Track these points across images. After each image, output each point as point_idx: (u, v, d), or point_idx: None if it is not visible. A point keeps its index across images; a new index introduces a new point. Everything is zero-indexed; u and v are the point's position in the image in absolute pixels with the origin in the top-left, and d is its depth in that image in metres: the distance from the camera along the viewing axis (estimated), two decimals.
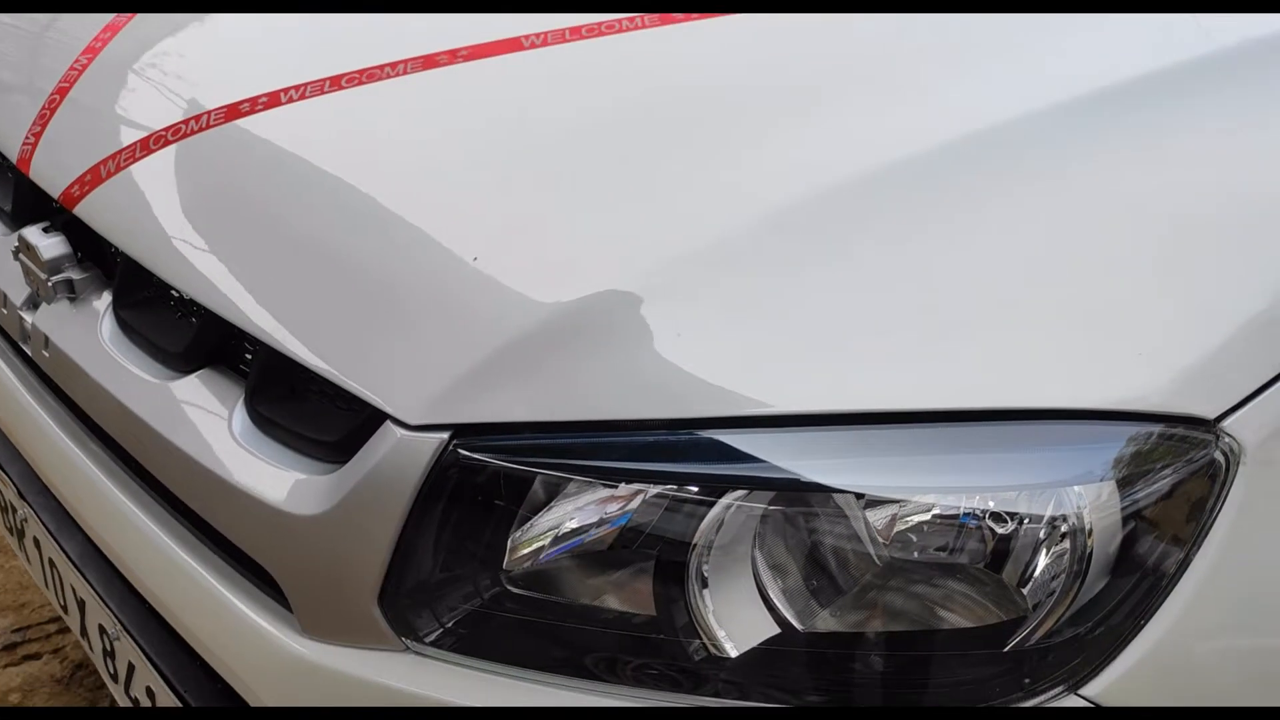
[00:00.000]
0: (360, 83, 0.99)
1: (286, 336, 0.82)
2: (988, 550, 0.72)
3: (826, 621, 0.75)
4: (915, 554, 0.73)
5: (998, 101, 0.86)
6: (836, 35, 0.99)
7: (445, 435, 0.75)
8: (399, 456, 0.76)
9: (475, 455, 0.75)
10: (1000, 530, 0.72)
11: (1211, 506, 0.73)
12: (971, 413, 0.73)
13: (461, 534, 0.78)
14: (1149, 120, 0.86)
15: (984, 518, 0.71)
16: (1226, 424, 0.73)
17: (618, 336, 0.77)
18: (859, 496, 0.72)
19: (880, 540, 0.73)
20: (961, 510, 0.72)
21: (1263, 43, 0.92)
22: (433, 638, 0.80)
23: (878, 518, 0.72)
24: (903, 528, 0.72)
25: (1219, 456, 0.73)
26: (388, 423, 0.77)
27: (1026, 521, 0.71)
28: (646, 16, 1.03)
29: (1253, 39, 0.93)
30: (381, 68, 1.00)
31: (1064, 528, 0.71)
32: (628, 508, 0.74)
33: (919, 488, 0.72)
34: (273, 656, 0.84)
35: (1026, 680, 0.74)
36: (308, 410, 0.85)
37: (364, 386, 0.78)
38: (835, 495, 0.73)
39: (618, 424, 0.75)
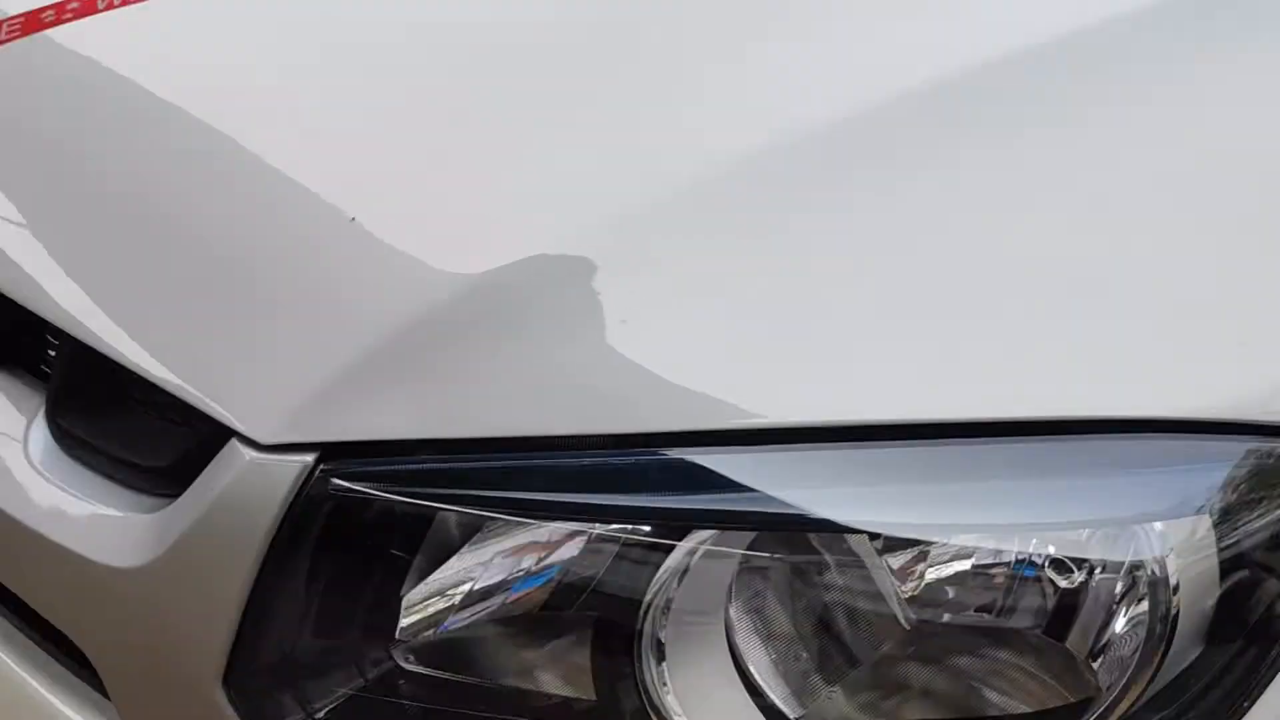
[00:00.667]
0: None
1: (97, 326, 0.69)
2: (1046, 609, 0.61)
3: (830, 706, 0.63)
4: (948, 615, 0.61)
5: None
6: None
7: (309, 458, 0.63)
8: (248, 486, 0.63)
9: (349, 484, 0.62)
10: (1061, 583, 0.60)
11: None
12: (1018, 425, 0.62)
13: (335, 591, 0.65)
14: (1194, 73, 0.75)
15: (1041, 566, 0.60)
16: None
17: (540, 325, 0.65)
18: (873, 537, 0.60)
19: (902, 596, 0.61)
20: (1011, 557, 0.61)
21: None
22: None
23: (898, 566, 0.61)
24: (932, 579, 0.61)
25: None
26: (233, 441, 0.64)
27: (1095, 571, 0.60)
28: None
29: None
30: None
31: (1143, 579, 0.60)
32: (557, 555, 0.62)
33: (952, 525, 0.61)
34: None
35: None
36: (129, 426, 0.73)
37: (201, 393, 0.65)
38: (841, 536, 0.61)
39: (541, 441, 0.63)
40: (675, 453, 0.61)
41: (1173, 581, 0.59)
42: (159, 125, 0.78)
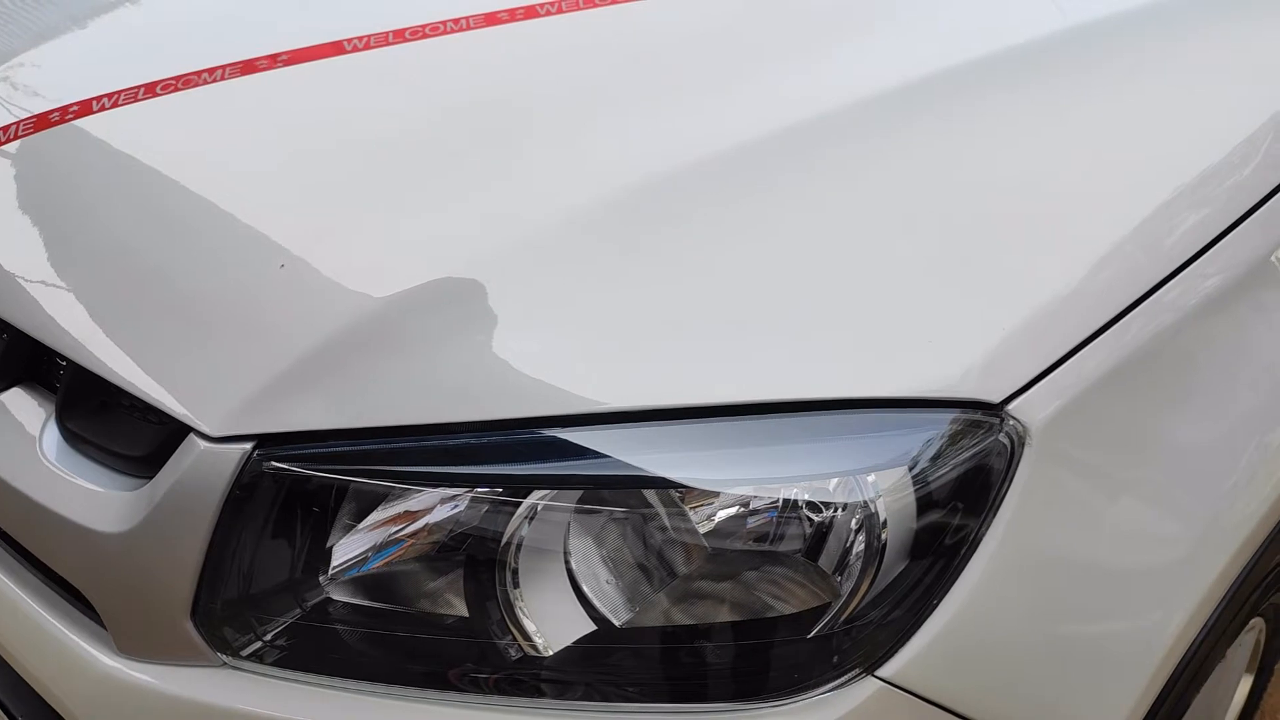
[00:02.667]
0: (177, 89, 0.97)
1: (89, 350, 0.81)
2: (804, 537, 0.73)
3: (644, 616, 0.75)
4: (736, 543, 0.74)
5: (800, 97, 0.89)
6: (655, 29, 1.01)
7: (249, 446, 0.75)
8: (203, 469, 0.75)
9: (279, 465, 0.75)
10: (814, 518, 0.73)
11: (999, 488, 0.75)
12: (782, 405, 0.75)
13: (275, 545, 0.77)
14: (947, 115, 0.90)
15: (800, 507, 0.73)
16: (1012, 407, 0.76)
17: (424, 339, 0.77)
18: (671, 489, 0.73)
19: (693, 533, 0.74)
20: (779, 500, 0.73)
21: (1054, 38, 0.96)
22: (250, 651, 0.79)
23: (699, 509, 0.74)
24: (723, 518, 0.74)
25: (1005, 439, 0.75)
26: (191, 435, 0.76)
27: (827, 510, 0.73)
28: (472, 18, 1.03)
29: (1043, 35, 0.96)
30: (199, 74, 0.98)
31: (862, 514, 0.73)
32: (440, 511, 0.75)
33: (734, 479, 0.74)
34: (88, 678, 0.82)
35: (835, 661, 0.75)
36: (118, 425, 0.84)
37: (166, 398, 0.77)
38: (646, 490, 0.74)
39: (424, 428, 0.75)
40: (520, 434, 0.73)
41: (882, 517, 0.72)
42: (137, 196, 0.89)
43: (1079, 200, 0.88)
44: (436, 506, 0.75)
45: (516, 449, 0.74)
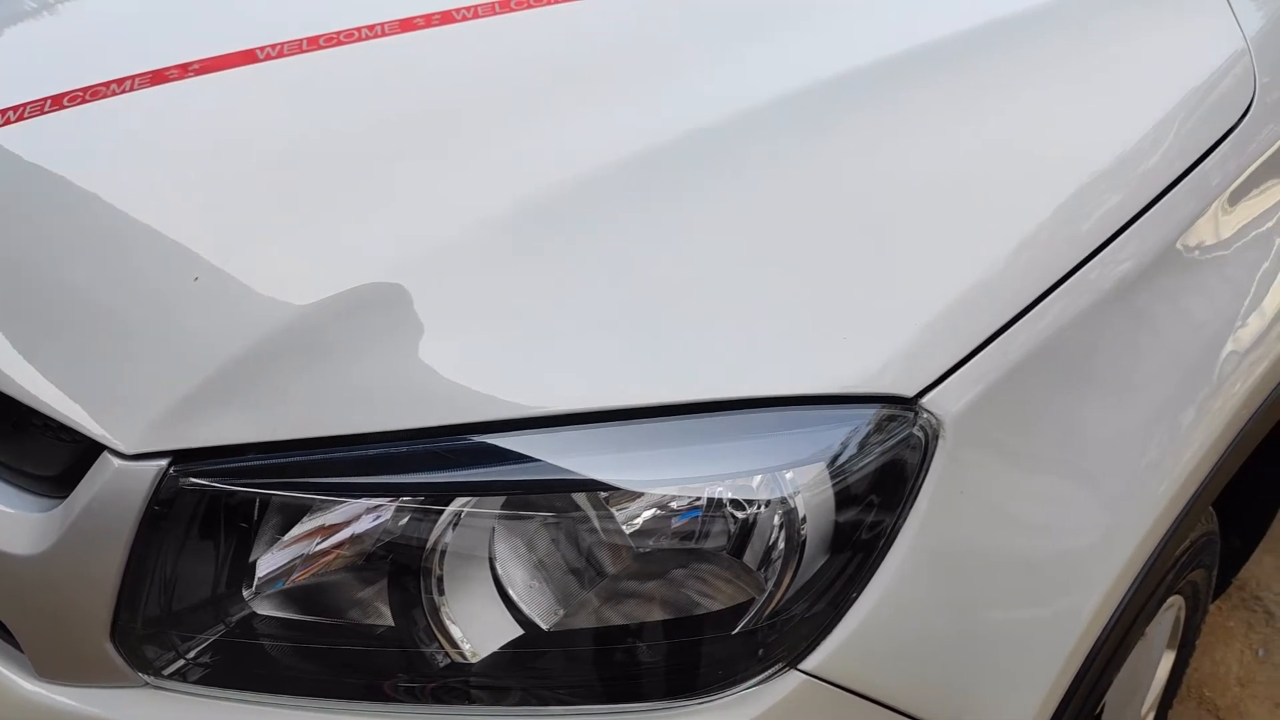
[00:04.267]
0: (85, 100, 0.95)
1: (3, 372, 0.79)
2: (729, 534, 0.74)
3: (572, 618, 0.76)
4: (663, 542, 0.74)
5: (716, 98, 0.90)
6: (572, 32, 1.01)
7: (164, 463, 0.74)
8: (117, 487, 0.74)
9: (196, 481, 0.74)
10: (725, 517, 0.74)
11: (914, 481, 0.77)
12: (703, 404, 0.75)
13: (195, 562, 0.76)
14: (859, 113, 0.91)
15: (712, 506, 0.74)
16: (926, 400, 0.77)
17: (343, 349, 0.76)
18: (595, 491, 0.74)
19: (618, 534, 0.74)
20: (694, 499, 0.74)
21: (965, 35, 0.98)
22: (173, 670, 0.78)
23: (614, 512, 0.74)
24: (638, 521, 0.74)
25: (919, 432, 0.77)
26: (105, 453, 0.75)
27: (748, 508, 0.74)
28: (387, 24, 1.02)
29: (955, 33, 0.98)
30: (108, 85, 0.96)
31: (782, 511, 0.74)
32: (363, 521, 0.74)
33: (651, 480, 0.74)
34: (7, 703, 0.81)
35: (760, 655, 0.76)
36: (29, 445, 0.82)
37: (78, 416, 0.76)
38: (570, 493, 0.74)
39: (345, 438, 0.75)
40: (441, 442, 0.73)
41: (801, 513, 0.73)
42: (47, 210, 0.87)
43: (989, 193, 0.90)
44: (360, 517, 0.74)
45: (439, 456, 0.74)
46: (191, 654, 0.78)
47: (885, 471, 0.76)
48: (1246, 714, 1.91)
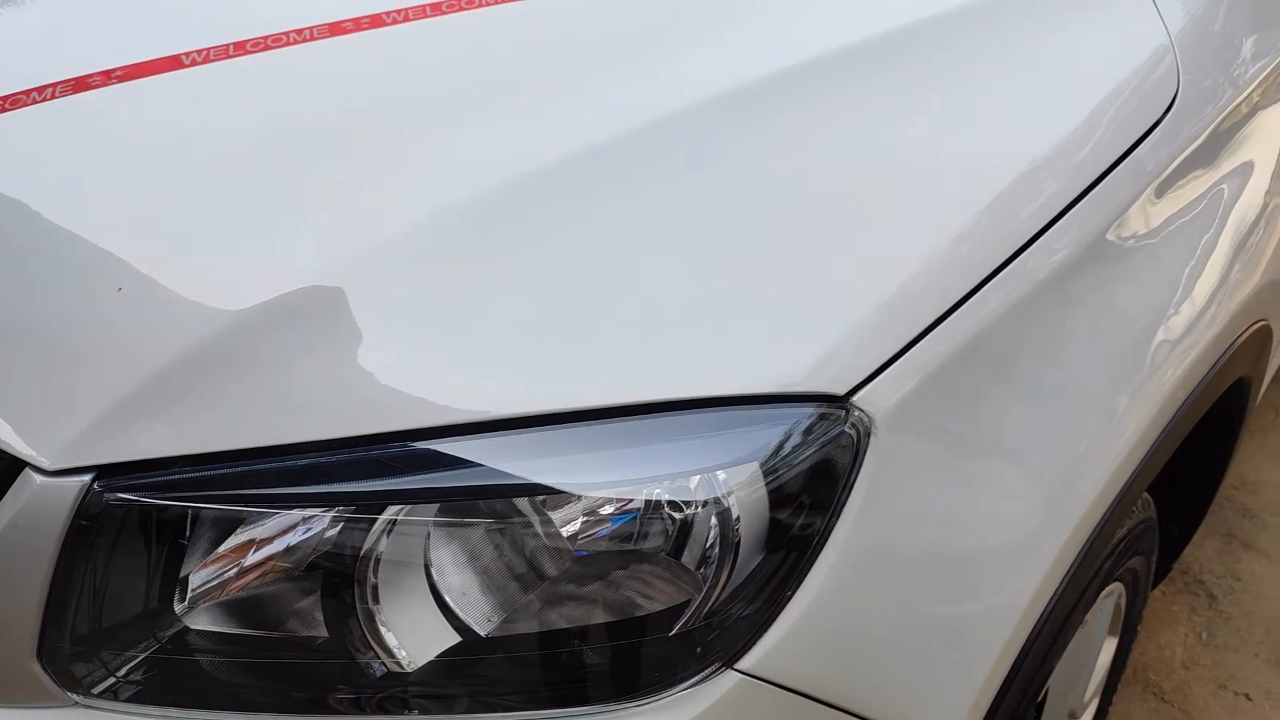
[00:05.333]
0: (5, 109, 0.93)
1: None
2: (667, 535, 0.74)
3: (510, 623, 0.75)
4: (603, 545, 0.74)
5: (649, 99, 0.90)
6: (504, 34, 1.00)
7: (87, 478, 0.73)
8: (40, 504, 0.73)
9: (123, 496, 0.73)
10: (659, 518, 0.74)
11: (846, 479, 0.77)
12: (640, 406, 0.75)
13: (124, 578, 0.75)
14: (792, 111, 0.91)
15: (647, 508, 0.74)
16: (857, 398, 0.78)
17: (273, 357, 0.76)
18: (530, 496, 0.73)
19: (553, 537, 0.74)
20: (629, 501, 0.74)
21: (893, 33, 0.99)
22: (103, 689, 0.77)
23: (550, 515, 0.74)
24: (573, 524, 0.74)
25: (850, 430, 0.77)
26: (26, 470, 0.74)
27: (682, 509, 0.74)
28: (316, 28, 1.01)
29: (882, 32, 0.99)
30: (28, 93, 0.94)
31: (716, 511, 0.74)
32: (291, 533, 0.74)
33: (586, 483, 0.74)
34: None
35: (698, 654, 0.76)
36: None
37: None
38: (505, 498, 0.74)
39: (275, 449, 0.74)
40: (373, 450, 0.72)
41: (735, 513, 0.74)
42: None
43: (920, 190, 0.90)
44: (293, 528, 0.74)
45: (371, 464, 0.73)
46: (123, 672, 0.77)
47: (817, 471, 0.76)
48: (1191, 696, 1.95)
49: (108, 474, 0.73)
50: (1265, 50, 1.31)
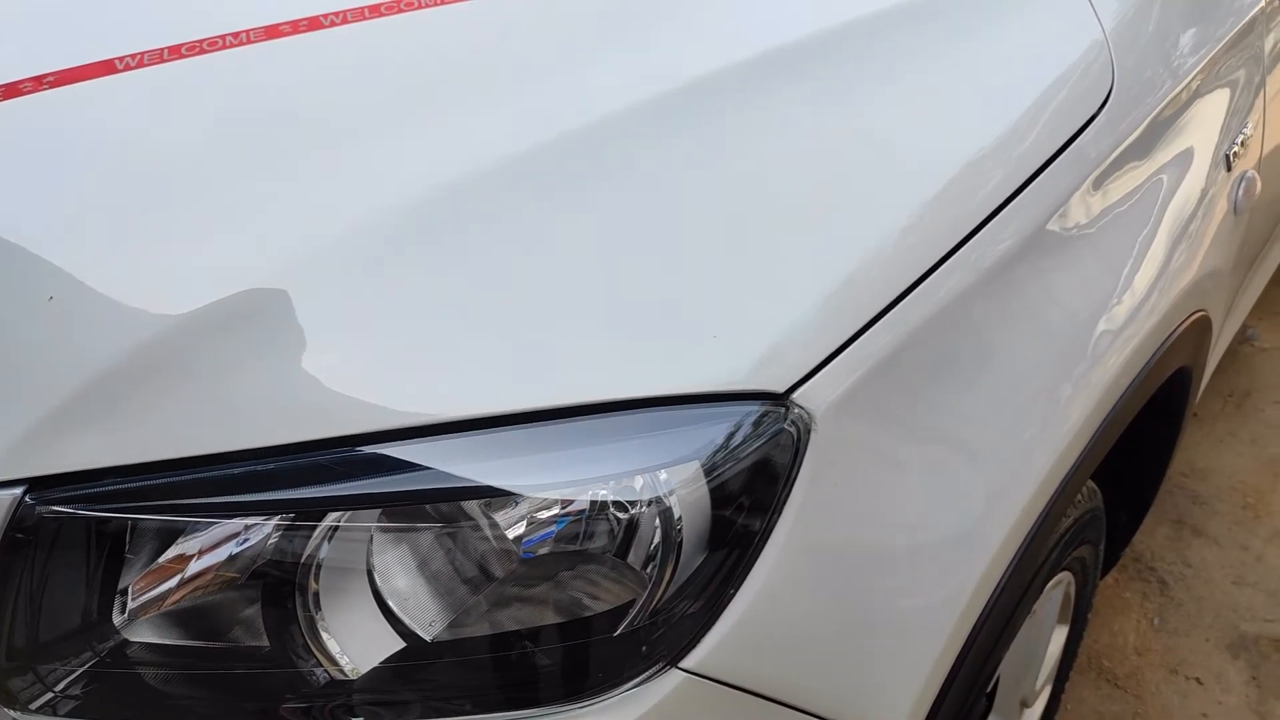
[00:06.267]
0: None
1: None
2: (613, 535, 0.74)
3: (456, 627, 0.75)
4: (548, 547, 0.74)
5: (583, 101, 0.89)
6: (444, 36, 1.00)
7: (19, 491, 0.72)
8: None
9: (57, 509, 0.72)
10: (601, 519, 0.74)
11: (787, 476, 0.78)
12: (582, 408, 0.75)
13: (61, 591, 0.74)
14: (730, 110, 0.91)
15: (590, 508, 0.74)
16: (797, 396, 0.78)
17: (212, 364, 0.75)
18: (473, 499, 0.73)
19: (498, 540, 0.74)
20: (570, 502, 0.74)
21: (837, 29, 0.99)
22: (41, 704, 0.76)
23: (495, 517, 0.74)
24: (534, 522, 0.74)
25: (790, 428, 0.78)
26: None
27: (625, 509, 0.74)
28: (253, 31, 1.00)
29: (827, 28, 0.99)
30: None
31: (658, 511, 0.75)
32: (232, 543, 0.73)
33: (528, 485, 0.74)
34: None
35: (644, 653, 0.77)
36: None
37: None
38: (447, 501, 0.74)
39: (213, 458, 0.73)
40: (312, 456, 0.72)
41: (677, 513, 0.74)
42: None
43: (859, 186, 0.91)
44: (233, 537, 0.73)
45: (312, 470, 0.73)
46: (61, 686, 0.76)
47: (758, 469, 0.77)
48: (1144, 681, 1.98)
49: (41, 486, 0.72)
50: (1202, 42, 1.33)
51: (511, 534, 0.74)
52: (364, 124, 0.89)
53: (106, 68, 0.96)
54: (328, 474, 0.73)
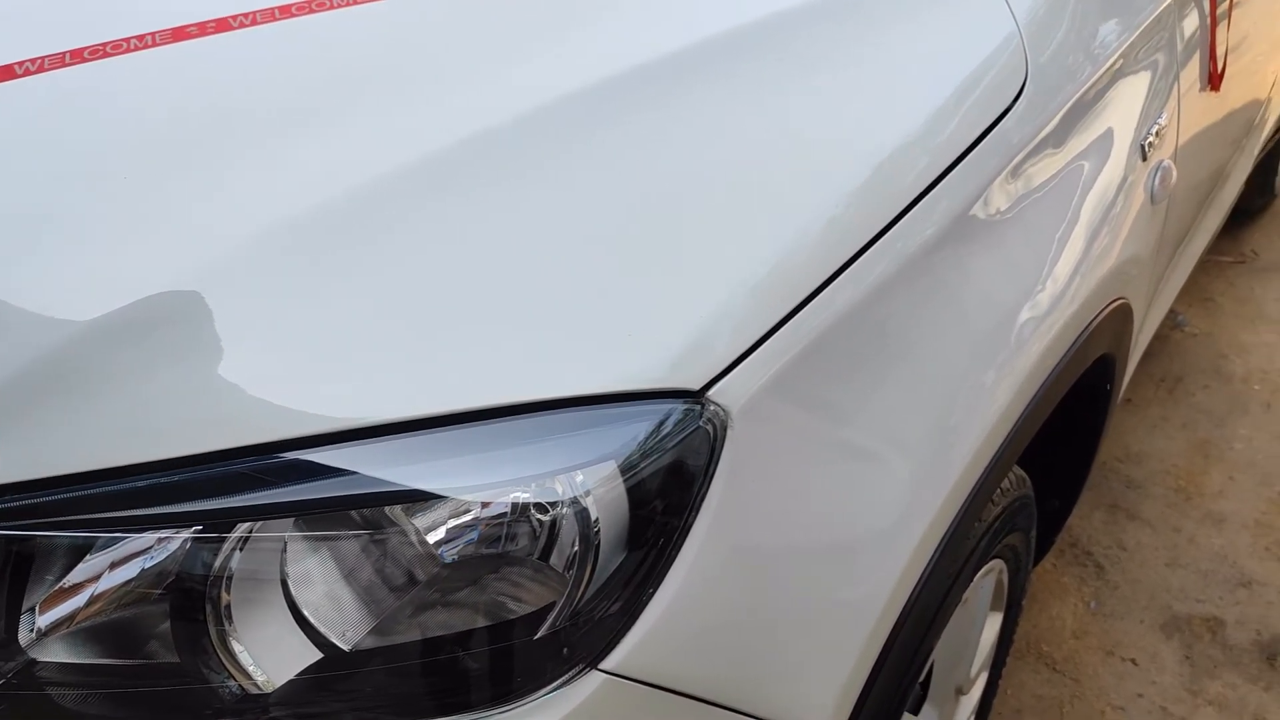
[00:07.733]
0: None
1: None
2: (534, 537, 0.74)
3: (377, 635, 0.74)
4: (470, 550, 0.74)
5: (502, 99, 0.89)
6: (355, 38, 0.98)
7: None
8: None
9: None
10: (515, 521, 0.73)
11: (704, 475, 0.77)
12: (499, 409, 0.74)
13: None
14: (645, 108, 0.90)
15: (502, 511, 0.73)
16: (713, 392, 0.78)
17: (118, 374, 0.73)
18: (386, 505, 0.72)
19: (411, 545, 0.73)
20: (484, 505, 0.73)
21: (759, 23, 1.00)
22: None
23: (427, 520, 0.73)
24: (453, 526, 0.73)
25: (706, 426, 0.77)
26: None
27: (539, 511, 0.74)
28: (158, 34, 0.98)
29: (750, 21, 1.00)
30: None
31: (575, 512, 0.74)
32: (141, 558, 0.72)
33: (443, 488, 0.72)
34: None
35: (564, 655, 0.76)
36: None
37: None
38: (364, 507, 0.73)
39: (121, 470, 0.72)
40: (218, 467, 0.71)
41: (594, 514, 0.73)
42: None
43: (776, 181, 0.91)
44: (141, 552, 0.72)
45: (221, 481, 0.71)
46: None
47: (674, 468, 0.76)
48: (1082, 664, 2.01)
49: None
50: (1118, 31, 1.35)
51: (432, 538, 0.73)
52: (277, 126, 0.88)
53: (6, 73, 0.94)
54: (244, 482, 0.71)
